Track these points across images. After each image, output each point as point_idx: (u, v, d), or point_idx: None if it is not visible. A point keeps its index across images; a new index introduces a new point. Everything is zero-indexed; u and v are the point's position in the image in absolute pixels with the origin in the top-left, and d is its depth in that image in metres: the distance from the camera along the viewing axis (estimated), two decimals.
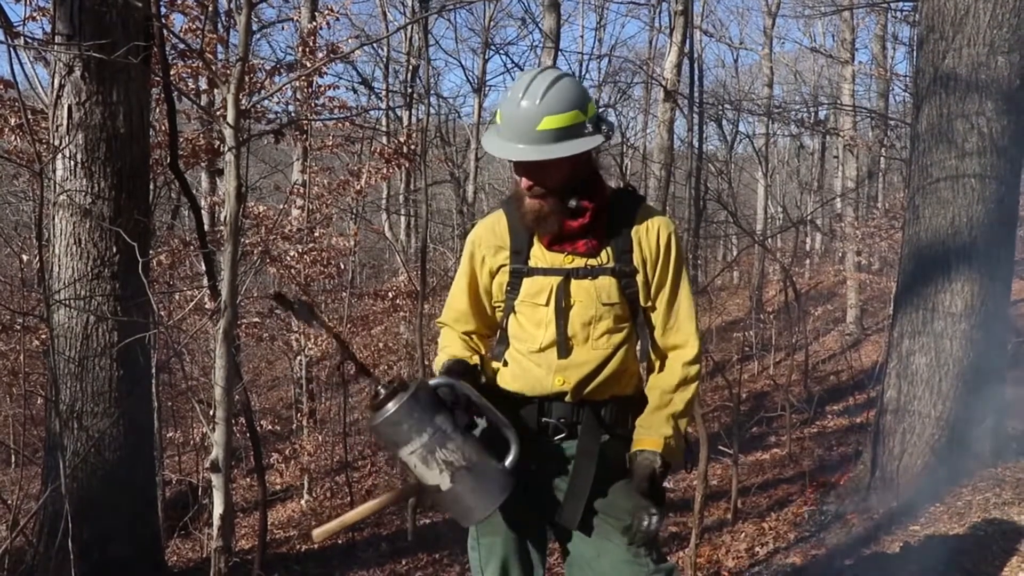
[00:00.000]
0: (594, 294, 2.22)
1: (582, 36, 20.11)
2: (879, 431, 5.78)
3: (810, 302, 18.01)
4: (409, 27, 14.42)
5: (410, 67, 16.30)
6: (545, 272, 2.24)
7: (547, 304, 2.23)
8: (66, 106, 4.76)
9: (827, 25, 23.77)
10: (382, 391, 2.05)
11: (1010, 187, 5.46)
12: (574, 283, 2.22)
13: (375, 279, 18.69)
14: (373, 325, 11.42)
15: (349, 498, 8.98)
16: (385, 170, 10.45)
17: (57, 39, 4.78)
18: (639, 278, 2.24)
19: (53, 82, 4.85)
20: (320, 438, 10.51)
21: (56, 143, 4.79)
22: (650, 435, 2.20)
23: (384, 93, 18.48)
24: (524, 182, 2.16)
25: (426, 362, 8.96)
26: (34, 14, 7.04)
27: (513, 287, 2.29)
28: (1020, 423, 6.18)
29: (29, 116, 6.58)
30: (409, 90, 16.29)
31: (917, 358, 5.54)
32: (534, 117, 2.06)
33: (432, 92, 18.37)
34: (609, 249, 2.23)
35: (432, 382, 2.13)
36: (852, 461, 7.09)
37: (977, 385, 5.43)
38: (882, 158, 21.08)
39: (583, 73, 18.60)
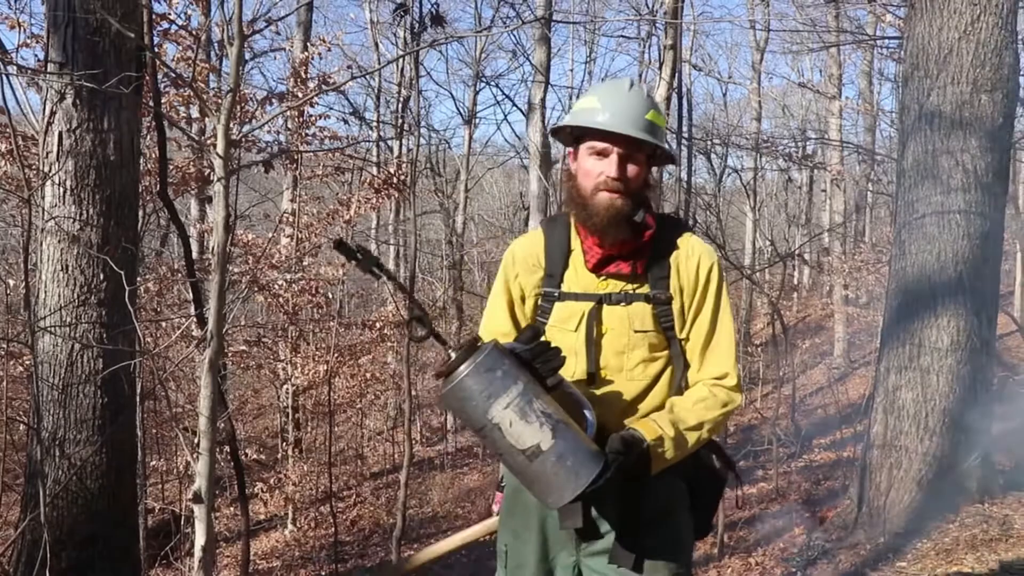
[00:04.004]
0: (627, 321, 2.10)
1: (572, 69, 20.24)
2: (866, 466, 5.78)
3: (798, 335, 18.07)
4: (401, 59, 14.54)
5: (401, 98, 16.39)
6: (577, 297, 2.14)
7: (576, 330, 2.12)
8: (57, 133, 4.76)
9: (815, 61, 24.07)
10: (453, 354, 1.85)
11: (994, 223, 5.52)
12: (606, 309, 2.11)
13: (363, 309, 18.66)
14: (360, 355, 11.40)
15: (333, 528, 8.90)
16: (375, 200, 10.49)
17: (50, 67, 4.78)
18: (675, 306, 2.13)
19: (44, 109, 4.85)
20: (305, 467, 10.44)
21: (46, 169, 4.78)
22: (645, 423, 2.01)
23: (375, 123, 18.57)
24: (615, 170, 2.05)
25: (413, 392, 8.91)
26: (28, 41, 7.07)
27: (543, 312, 2.19)
28: (1007, 458, 6.18)
29: (19, 142, 6.58)
30: (400, 121, 16.37)
31: (903, 393, 5.55)
32: (643, 107, 2.07)
33: (423, 123, 18.47)
34: (648, 274, 2.13)
35: (507, 344, 1.90)
36: (839, 496, 7.08)
37: (963, 420, 5.44)
38: (869, 193, 21.27)
39: (572, 107, 18.72)
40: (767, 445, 9.51)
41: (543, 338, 1.96)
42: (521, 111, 17.86)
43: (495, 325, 2.24)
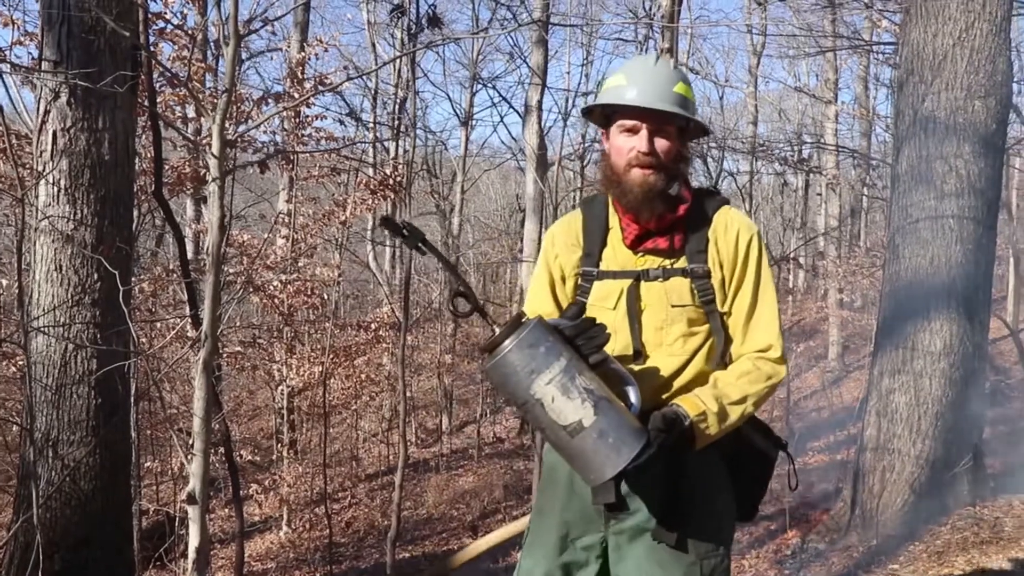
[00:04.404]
0: (664, 296, 2.09)
1: (568, 72, 20.26)
2: (859, 469, 5.79)
3: (792, 338, 18.07)
4: (398, 59, 14.56)
5: (398, 99, 16.39)
6: (615, 275, 2.14)
7: (615, 308, 2.12)
8: (51, 132, 4.75)
9: (811, 65, 24.08)
10: (497, 330, 1.85)
11: (987, 228, 5.54)
12: (644, 285, 2.11)
13: (358, 310, 18.66)
14: (356, 356, 11.37)
15: (328, 530, 8.89)
16: (370, 201, 10.48)
17: (44, 65, 4.77)
18: (714, 279, 2.11)
19: (39, 107, 4.83)
20: (300, 469, 10.43)
21: (40, 168, 4.77)
22: (688, 398, 1.99)
23: (371, 124, 18.57)
24: (645, 145, 2.05)
25: (408, 394, 8.91)
26: (22, 39, 7.06)
27: (583, 291, 2.19)
28: (998, 462, 6.20)
29: (13, 141, 6.56)
30: (396, 122, 16.36)
31: (897, 396, 5.57)
32: (671, 80, 2.07)
33: (419, 124, 18.48)
34: (686, 248, 2.12)
35: (552, 320, 1.91)
36: (833, 498, 7.08)
37: (956, 424, 5.46)
38: (864, 197, 21.31)
39: (569, 109, 18.74)
40: None
41: (586, 316, 1.96)
42: (518, 113, 17.89)
43: (537, 305, 2.25)
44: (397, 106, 16.57)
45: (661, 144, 2.06)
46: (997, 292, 12.89)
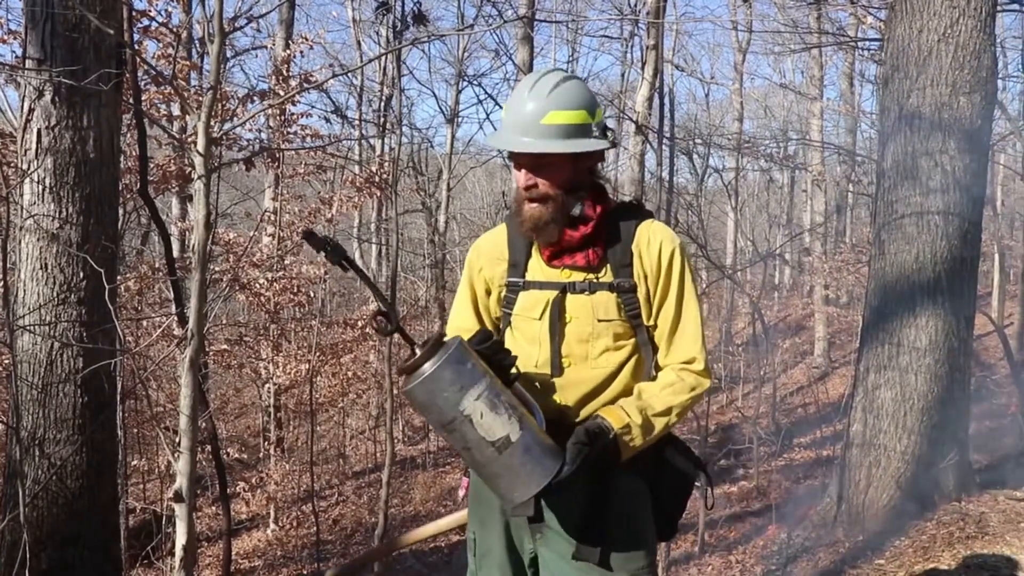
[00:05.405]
0: (591, 310, 2.09)
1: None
2: (845, 464, 5.82)
3: (778, 335, 18.16)
4: (383, 57, 14.52)
5: (383, 96, 16.35)
6: (541, 286, 2.13)
7: (540, 318, 2.12)
8: (35, 130, 4.71)
9: (796, 62, 24.20)
10: (418, 351, 1.86)
11: (973, 224, 5.56)
12: (571, 298, 2.10)
13: (345, 308, 18.60)
14: (342, 354, 11.37)
15: (315, 527, 8.88)
16: (356, 198, 10.46)
17: (28, 63, 4.74)
18: (640, 293, 2.10)
19: (23, 105, 4.80)
20: (287, 467, 10.41)
21: (24, 167, 4.74)
22: (612, 410, 2.01)
23: (357, 122, 18.52)
24: (524, 180, 2.06)
25: (395, 391, 8.90)
26: (5, 37, 7.01)
27: (509, 302, 2.19)
28: (983, 457, 6.24)
29: None
30: (382, 119, 16.33)
31: (883, 392, 5.59)
32: (540, 110, 2.00)
33: (405, 122, 18.44)
34: (609, 263, 2.11)
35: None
36: (819, 494, 7.12)
37: (941, 419, 5.49)
38: (850, 193, 21.41)
39: None
40: (748, 444, 9.57)
41: (495, 338, 2.02)
42: None
43: (460, 322, 2.28)
44: (383, 103, 16.54)
45: (542, 176, 2.06)
46: (982, 288, 12.98)
